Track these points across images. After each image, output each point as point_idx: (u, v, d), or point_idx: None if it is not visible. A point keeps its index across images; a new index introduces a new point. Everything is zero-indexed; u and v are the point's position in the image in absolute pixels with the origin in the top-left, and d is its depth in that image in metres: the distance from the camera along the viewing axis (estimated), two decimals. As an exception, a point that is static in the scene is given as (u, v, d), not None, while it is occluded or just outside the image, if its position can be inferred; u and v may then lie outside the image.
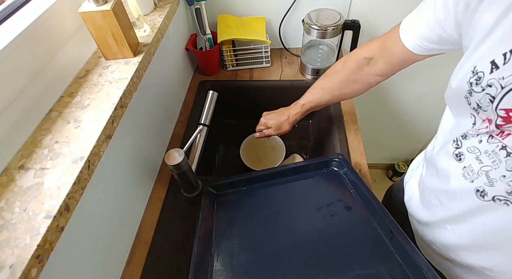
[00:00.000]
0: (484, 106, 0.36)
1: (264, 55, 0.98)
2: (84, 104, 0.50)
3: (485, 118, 0.38)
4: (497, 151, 0.37)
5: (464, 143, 0.42)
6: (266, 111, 0.82)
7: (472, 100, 0.38)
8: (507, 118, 0.34)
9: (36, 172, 0.41)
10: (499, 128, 0.36)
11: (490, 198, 0.39)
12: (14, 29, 0.46)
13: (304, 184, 0.66)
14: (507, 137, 0.36)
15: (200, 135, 0.71)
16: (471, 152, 0.41)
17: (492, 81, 0.34)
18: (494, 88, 0.34)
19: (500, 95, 0.34)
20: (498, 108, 0.35)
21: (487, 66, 0.35)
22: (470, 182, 0.41)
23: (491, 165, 0.38)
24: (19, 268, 0.32)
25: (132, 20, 0.61)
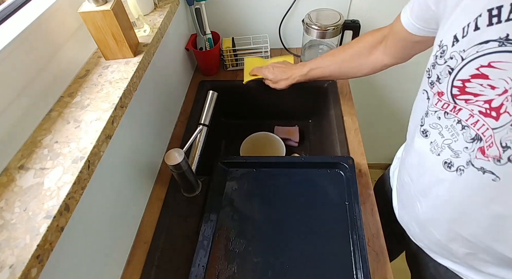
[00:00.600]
0: (442, 78, 0.39)
1: (264, 55, 0.98)
2: (84, 104, 0.50)
3: (436, 92, 0.41)
4: (454, 124, 0.40)
5: (427, 120, 0.45)
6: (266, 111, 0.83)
7: (433, 73, 0.41)
8: (462, 89, 0.37)
9: (36, 172, 0.41)
10: (454, 99, 0.38)
11: (455, 168, 0.41)
12: (14, 29, 0.46)
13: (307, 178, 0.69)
14: (459, 112, 0.39)
15: (200, 135, 0.71)
16: (434, 127, 0.43)
17: (453, 54, 0.36)
18: (454, 60, 0.37)
19: (459, 67, 0.36)
20: (455, 79, 0.37)
21: (450, 40, 0.37)
22: (437, 155, 0.44)
23: (451, 138, 0.41)
24: (19, 268, 0.32)
25: (132, 20, 0.61)
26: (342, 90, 0.91)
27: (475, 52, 0.34)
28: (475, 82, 0.35)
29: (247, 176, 0.71)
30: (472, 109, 0.37)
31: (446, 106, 0.40)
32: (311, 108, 1.02)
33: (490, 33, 0.32)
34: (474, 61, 0.34)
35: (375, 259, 0.58)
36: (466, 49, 0.35)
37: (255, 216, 0.64)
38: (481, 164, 0.37)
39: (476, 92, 0.35)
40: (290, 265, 0.56)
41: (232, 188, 0.69)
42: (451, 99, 0.39)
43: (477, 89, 0.35)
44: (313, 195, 0.66)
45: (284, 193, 0.67)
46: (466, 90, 0.36)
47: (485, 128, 0.36)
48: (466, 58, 0.35)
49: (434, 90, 0.41)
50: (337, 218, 0.62)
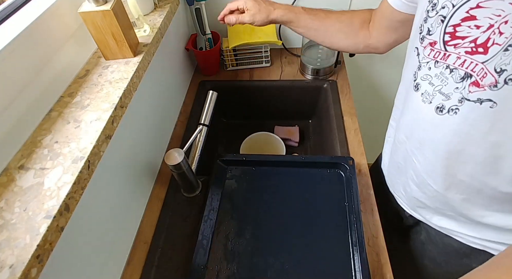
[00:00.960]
0: (434, 28, 0.41)
1: (264, 55, 0.98)
2: (84, 104, 0.50)
3: (428, 43, 0.43)
4: (443, 71, 0.42)
5: (419, 73, 0.46)
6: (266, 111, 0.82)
7: (425, 26, 0.43)
8: (453, 34, 0.39)
9: (36, 172, 0.41)
10: (445, 46, 0.41)
11: (446, 110, 0.43)
12: (14, 29, 0.46)
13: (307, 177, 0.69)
14: (448, 58, 0.41)
15: (200, 135, 0.71)
16: (424, 79, 0.45)
17: (445, 3, 0.39)
18: (446, 9, 0.39)
19: (451, 13, 0.39)
20: (448, 26, 0.40)
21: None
22: (428, 104, 0.45)
23: (441, 84, 0.43)
24: (19, 268, 0.32)
25: (132, 20, 0.61)
26: (342, 90, 0.91)
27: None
28: (464, 25, 0.38)
29: (246, 174, 0.71)
30: (459, 52, 0.39)
31: (437, 55, 0.42)
32: (311, 108, 1.02)
33: None
34: (464, 5, 0.37)
35: (375, 259, 0.58)
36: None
37: (254, 215, 0.64)
38: (477, 95, 0.39)
39: (464, 35, 0.38)
40: (290, 265, 0.56)
41: (232, 187, 0.69)
42: (443, 46, 0.41)
43: (465, 32, 0.38)
44: (313, 194, 0.66)
45: (284, 192, 0.67)
46: (456, 34, 0.39)
47: (473, 65, 0.38)
48: (457, 5, 0.38)
49: (425, 44, 0.44)
50: (336, 218, 0.62)
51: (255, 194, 0.67)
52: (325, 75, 0.94)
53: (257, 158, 0.73)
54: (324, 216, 0.62)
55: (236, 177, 0.70)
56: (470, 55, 0.38)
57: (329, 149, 0.83)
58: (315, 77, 0.95)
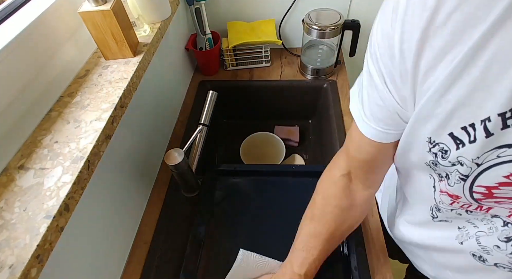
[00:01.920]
0: (452, 180, 0.33)
1: (264, 55, 0.98)
2: (84, 104, 0.50)
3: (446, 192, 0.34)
4: (489, 217, 0.34)
5: (440, 214, 0.39)
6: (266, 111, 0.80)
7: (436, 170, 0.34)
8: (488, 195, 0.31)
9: (36, 172, 0.41)
10: (478, 202, 0.33)
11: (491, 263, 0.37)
12: (14, 29, 0.46)
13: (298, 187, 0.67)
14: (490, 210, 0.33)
15: (200, 135, 0.71)
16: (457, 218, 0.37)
17: (462, 159, 0.30)
18: (466, 168, 0.30)
19: (476, 173, 0.30)
20: (475, 185, 0.31)
21: (450, 142, 0.30)
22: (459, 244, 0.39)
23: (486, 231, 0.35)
24: (19, 268, 0.32)
25: (132, 20, 0.61)
26: (342, 90, 0.91)
27: (496, 157, 0.28)
28: (506, 189, 0.30)
29: (237, 185, 0.69)
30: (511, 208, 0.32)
31: (468, 206, 0.34)
32: (311, 108, 1.02)
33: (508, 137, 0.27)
34: (497, 168, 0.29)
35: (375, 259, 0.58)
36: (480, 156, 0.29)
37: (245, 225, 0.62)
38: None
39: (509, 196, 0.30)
40: None
41: (222, 198, 0.67)
42: (473, 201, 0.33)
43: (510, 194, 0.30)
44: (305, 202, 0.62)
45: (276, 202, 0.66)
46: (495, 195, 0.31)
47: None
48: (483, 164, 0.29)
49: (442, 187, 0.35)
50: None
51: (246, 205, 0.66)
52: (325, 75, 0.94)
53: (248, 167, 0.72)
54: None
55: (227, 187, 0.69)
56: None
57: (329, 149, 0.82)
58: (315, 77, 0.95)
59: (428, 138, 0.32)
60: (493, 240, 0.34)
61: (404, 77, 0.31)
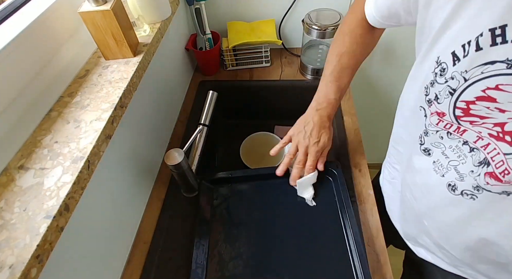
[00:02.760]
0: (441, 98, 0.37)
1: (264, 55, 0.98)
2: (84, 104, 0.50)
3: (435, 112, 0.39)
4: (460, 145, 0.38)
5: (427, 139, 0.43)
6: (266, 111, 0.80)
7: (431, 91, 0.38)
8: (466, 110, 0.35)
9: (36, 172, 0.41)
10: (457, 120, 0.36)
11: (459, 192, 0.40)
12: (14, 29, 0.46)
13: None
14: (464, 133, 0.37)
15: (200, 135, 0.71)
16: (437, 147, 0.42)
17: (454, 73, 0.34)
18: (456, 81, 0.34)
19: (462, 88, 0.34)
20: (458, 100, 0.35)
21: (449, 58, 0.34)
22: (441, 176, 0.42)
23: (457, 160, 0.39)
24: (18, 268, 0.32)
25: (132, 20, 0.61)
26: (342, 90, 0.91)
27: (480, 73, 0.32)
28: (480, 105, 0.33)
29: (233, 192, 0.68)
30: (480, 131, 0.35)
31: (449, 127, 0.38)
32: (311, 108, 1.01)
33: (495, 54, 0.30)
34: (479, 83, 0.32)
35: (375, 259, 0.58)
36: (468, 70, 0.33)
37: (248, 234, 0.61)
38: (502, 188, 0.35)
39: (482, 115, 0.34)
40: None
41: (220, 207, 0.66)
42: (455, 120, 0.37)
43: (483, 112, 0.33)
44: (304, 204, 0.64)
45: (274, 206, 0.65)
46: (471, 112, 0.34)
47: (495, 152, 0.34)
48: (469, 79, 0.33)
49: (432, 109, 0.39)
50: (331, 225, 0.61)
51: (244, 211, 0.65)
52: (325, 75, 0.94)
53: (242, 173, 0.70)
54: (319, 224, 0.61)
55: (223, 195, 0.68)
56: (495, 140, 0.34)
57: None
58: (315, 77, 0.95)
59: (437, 58, 0.36)
60: (469, 166, 0.37)
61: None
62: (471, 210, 0.40)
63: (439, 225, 0.48)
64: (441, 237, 0.50)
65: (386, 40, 1.02)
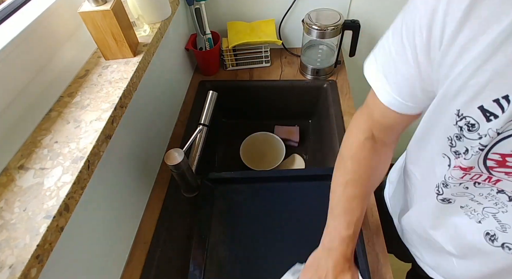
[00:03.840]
0: (469, 154, 0.33)
1: (264, 55, 0.98)
2: (84, 104, 0.50)
3: (459, 166, 0.35)
4: (494, 193, 0.35)
5: (446, 190, 0.39)
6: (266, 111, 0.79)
7: (458, 144, 0.35)
8: (502, 162, 0.32)
9: (35, 172, 0.41)
10: (489, 171, 0.33)
11: (499, 244, 0.37)
12: (14, 29, 0.46)
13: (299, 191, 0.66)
14: (498, 182, 0.33)
15: (200, 135, 0.71)
16: (461, 196, 0.38)
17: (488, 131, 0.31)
18: (488, 138, 0.31)
19: (494, 141, 0.31)
20: (490, 152, 0.32)
21: (478, 115, 0.31)
22: (477, 222, 0.38)
23: (494, 207, 0.35)
24: (18, 268, 0.32)
25: (132, 20, 0.61)
26: (342, 90, 0.91)
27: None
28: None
29: (234, 192, 0.68)
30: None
31: (477, 177, 0.35)
32: (311, 108, 1.02)
33: None
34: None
35: (375, 259, 0.58)
36: (503, 125, 0.30)
37: (248, 235, 0.61)
38: None
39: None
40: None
41: (220, 207, 0.66)
42: (485, 170, 0.33)
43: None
44: (306, 208, 0.63)
45: (275, 208, 0.64)
46: (507, 164, 0.32)
47: None
48: (503, 132, 0.30)
49: (457, 162, 0.35)
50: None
51: (245, 212, 0.65)
52: (325, 75, 0.94)
53: (245, 174, 0.70)
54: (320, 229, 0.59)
55: (225, 195, 0.67)
56: None
57: (329, 148, 0.82)
58: (315, 77, 0.95)
59: (456, 111, 0.33)
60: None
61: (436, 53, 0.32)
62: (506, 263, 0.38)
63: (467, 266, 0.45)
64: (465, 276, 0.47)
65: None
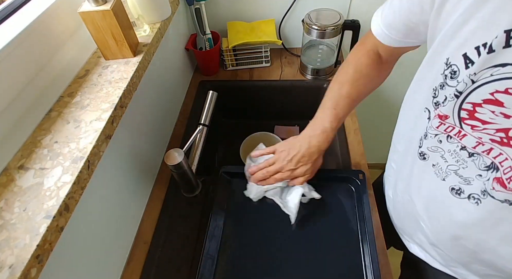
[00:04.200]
0: (447, 100, 0.36)
1: (264, 55, 0.98)
2: (84, 104, 0.50)
3: (437, 114, 0.38)
4: (458, 150, 0.38)
5: (425, 142, 0.42)
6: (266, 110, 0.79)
7: (440, 93, 0.38)
8: (472, 113, 0.34)
9: (35, 172, 0.41)
10: (461, 123, 0.36)
11: (466, 195, 0.40)
12: (14, 29, 0.46)
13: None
14: (463, 137, 0.36)
15: (200, 135, 0.71)
16: (434, 151, 0.41)
17: (463, 77, 0.34)
18: (463, 84, 0.34)
19: (469, 90, 0.33)
20: (464, 102, 0.35)
21: (461, 61, 0.33)
22: (441, 180, 0.42)
23: (456, 164, 0.39)
24: (18, 268, 0.32)
25: (132, 20, 0.61)
26: (342, 90, 0.91)
27: (489, 76, 0.31)
28: (486, 108, 0.33)
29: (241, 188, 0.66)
30: (480, 137, 0.35)
31: (450, 130, 0.37)
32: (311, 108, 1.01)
33: (507, 56, 0.30)
34: (488, 85, 0.32)
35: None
36: (477, 72, 0.32)
37: (262, 232, 0.60)
38: (505, 196, 0.35)
39: (484, 119, 0.33)
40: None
41: (236, 201, 0.65)
42: (458, 123, 0.36)
43: (486, 116, 0.33)
44: (323, 209, 0.62)
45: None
46: (475, 115, 0.34)
47: (503, 157, 0.34)
48: (477, 81, 0.32)
49: (437, 112, 0.39)
50: (347, 233, 0.59)
51: (261, 209, 0.63)
52: (325, 75, 0.94)
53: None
54: (334, 232, 0.59)
55: (240, 190, 0.66)
56: (499, 145, 0.34)
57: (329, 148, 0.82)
58: (315, 77, 0.95)
59: (446, 59, 0.36)
60: (473, 171, 0.37)
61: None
62: (472, 215, 0.40)
63: (436, 227, 0.48)
64: (438, 239, 0.49)
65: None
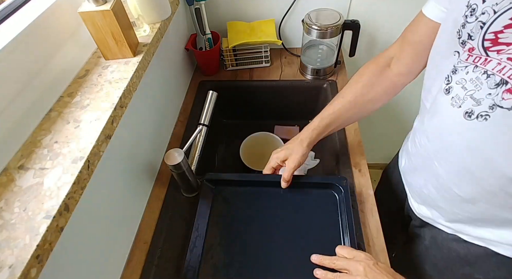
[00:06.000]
0: (474, 34, 0.39)
1: (264, 55, 0.98)
2: (83, 104, 0.50)
3: (467, 49, 0.41)
4: (480, 76, 0.40)
5: (454, 77, 0.44)
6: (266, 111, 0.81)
7: (463, 32, 0.41)
8: (495, 40, 0.38)
9: (35, 172, 0.41)
10: (486, 52, 0.39)
11: (475, 116, 0.41)
12: (14, 29, 0.46)
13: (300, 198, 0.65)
14: (488, 63, 0.39)
15: (200, 136, 0.71)
16: (459, 83, 0.43)
17: (486, 9, 0.37)
18: (486, 15, 0.37)
19: (492, 19, 0.37)
20: (487, 32, 0.38)
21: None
22: (458, 108, 0.44)
23: (474, 89, 0.41)
24: (18, 268, 0.32)
25: (132, 20, 0.61)
26: (342, 90, 0.91)
27: (508, 4, 0.35)
28: (507, 32, 0.36)
29: (235, 195, 0.66)
30: (501, 58, 0.37)
31: (478, 60, 0.40)
32: (311, 108, 1.02)
33: None
34: (507, 12, 0.35)
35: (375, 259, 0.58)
36: (498, 2, 0.36)
37: (243, 239, 0.60)
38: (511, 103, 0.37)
39: (509, 42, 0.36)
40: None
41: (219, 209, 0.64)
42: (483, 52, 0.39)
43: (510, 38, 0.36)
44: (305, 216, 0.62)
45: (275, 214, 0.63)
46: (499, 41, 0.37)
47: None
48: (498, 11, 0.36)
49: (465, 48, 0.41)
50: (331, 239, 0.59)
51: (244, 216, 0.63)
52: (325, 75, 0.94)
53: (245, 177, 0.69)
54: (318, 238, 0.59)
55: (224, 198, 0.66)
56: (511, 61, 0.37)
57: (329, 149, 0.83)
58: (315, 77, 0.95)
59: (467, 2, 0.40)
60: (485, 91, 0.40)
61: None
62: (482, 133, 0.42)
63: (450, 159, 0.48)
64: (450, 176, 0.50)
65: (385, 39, 1.03)
